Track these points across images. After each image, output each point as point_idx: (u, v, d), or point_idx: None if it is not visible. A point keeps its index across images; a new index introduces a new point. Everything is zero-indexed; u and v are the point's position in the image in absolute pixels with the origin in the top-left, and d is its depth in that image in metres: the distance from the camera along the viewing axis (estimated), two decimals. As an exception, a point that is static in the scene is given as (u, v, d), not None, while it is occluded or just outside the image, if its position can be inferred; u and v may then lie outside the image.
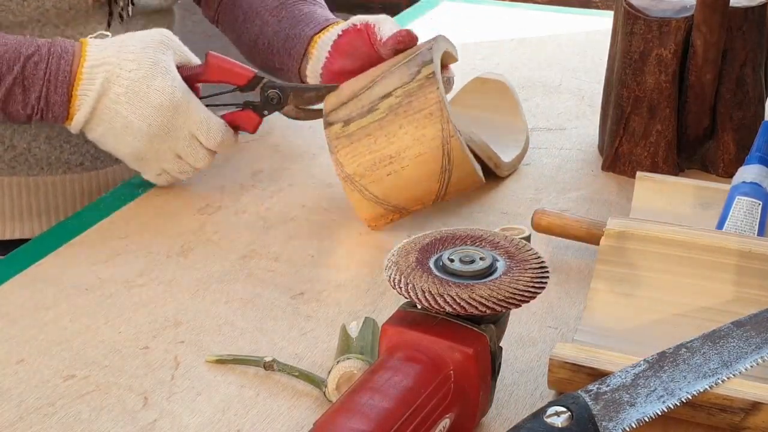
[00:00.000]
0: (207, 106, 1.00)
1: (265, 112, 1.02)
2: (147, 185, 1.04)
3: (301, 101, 1.01)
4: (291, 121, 1.05)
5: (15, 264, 0.90)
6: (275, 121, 1.21)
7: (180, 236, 0.95)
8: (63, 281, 0.88)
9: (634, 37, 1.03)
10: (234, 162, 1.11)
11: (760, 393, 0.66)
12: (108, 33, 1.01)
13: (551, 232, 0.91)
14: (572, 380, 0.69)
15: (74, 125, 0.96)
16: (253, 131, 1.03)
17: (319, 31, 1.07)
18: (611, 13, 1.13)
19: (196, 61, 1.01)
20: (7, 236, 1.10)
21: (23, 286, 0.87)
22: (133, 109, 0.95)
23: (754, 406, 0.65)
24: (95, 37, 0.98)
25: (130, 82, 0.94)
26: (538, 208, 0.92)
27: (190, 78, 0.99)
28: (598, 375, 0.67)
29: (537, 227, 0.91)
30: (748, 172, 0.90)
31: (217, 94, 1.03)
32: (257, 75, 1.01)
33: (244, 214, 1.00)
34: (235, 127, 1.02)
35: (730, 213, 0.87)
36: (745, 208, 0.87)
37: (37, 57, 0.94)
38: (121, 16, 1.09)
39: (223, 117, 1.01)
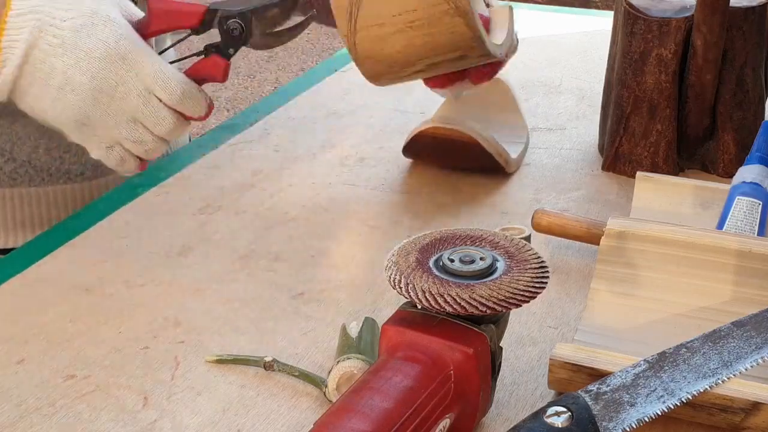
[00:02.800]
0: None
1: (231, 51, 0.88)
2: (147, 185, 1.04)
3: (266, 24, 0.88)
4: (291, 120, 1.05)
5: (15, 264, 0.90)
6: (275, 121, 1.21)
7: (180, 236, 0.95)
8: (63, 281, 0.88)
9: (634, 37, 1.03)
10: (234, 162, 1.11)
11: (760, 393, 0.66)
12: None
13: (551, 232, 0.91)
14: (572, 380, 0.69)
15: (3, 89, 0.82)
16: (223, 79, 0.89)
17: None
18: (611, 13, 1.13)
19: (139, 14, 0.88)
20: (10, 245, 1.10)
21: (23, 286, 0.87)
22: (71, 61, 0.81)
23: (755, 407, 0.65)
24: None
25: (66, 31, 0.81)
26: (538, 208, 0.92)
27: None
28: (598, 375, 0.67)
29: (537, 227, 0.91)
30: (748, 172, 0.90)
31: (168, 48, 0.91)
32: (209, 9, 0.88)
33: (244, 214, 1.00)
34: (201, 80, 0.88)
35: (730, 213, 0.87)
36: (745, 208, 0.87)
37: None
38: None
39: (183, 73, 0.88)
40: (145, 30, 0.87)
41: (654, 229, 0.78)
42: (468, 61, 0.91)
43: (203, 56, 0.89)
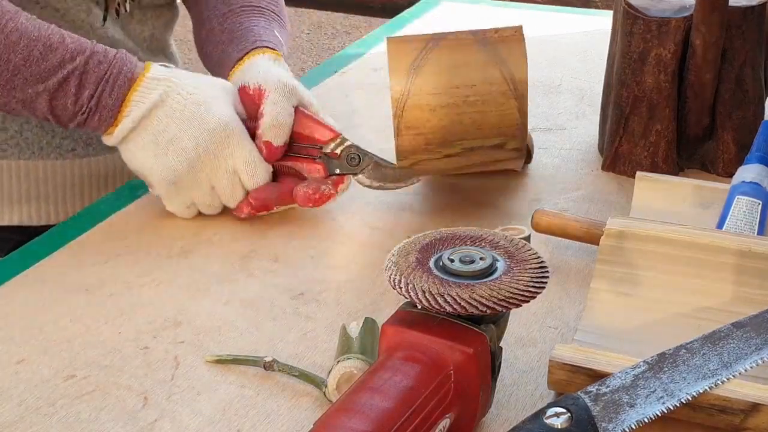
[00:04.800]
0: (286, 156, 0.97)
1: (337, 171, 0.97)
2: (147, 186, 1.04)
3: (378, 175, 0.97)
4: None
5: (15, 264, 0.90)
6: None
7: (180, 236, 0.95)
8: (63, 281, 0.88)
9: (633, 36, 1.03)
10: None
11: (759, 394, 0.66)
12: (171, 65, 0.98)
13: (551, 232, 0.91)
14: (572, 381, 0.69)
15: (117, 132, 0.93)
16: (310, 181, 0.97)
17: (242, 57, 1.03)
18: (611, 13, 1.13)
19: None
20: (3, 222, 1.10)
21: (23, 286, 0.87)
22: (185, 127, 0.92)
23: (754, 408, 0.65)
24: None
25: (189, 102, 0.92)
26: (538, 208, 0.92)
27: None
28: (597, 376, 0.67)
29: (537, 227, 0.91)
30: (748, 172, 0.90)
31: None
32: (343, 136, 0.97)
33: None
34: (295, 172, 0.98)
35: (730, 212, 0.87)
36: (744, 207, 0.87)
37: (101, 57, 0.92)
38: (117, 12, 1.08)
39: (288, 161, 0.97)
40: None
41: (654, 228, 0.78)
42: (502, 153, 0.94)
43: (313, 159, 0.97)
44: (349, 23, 4.69)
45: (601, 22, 1.55)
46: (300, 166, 0.97)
